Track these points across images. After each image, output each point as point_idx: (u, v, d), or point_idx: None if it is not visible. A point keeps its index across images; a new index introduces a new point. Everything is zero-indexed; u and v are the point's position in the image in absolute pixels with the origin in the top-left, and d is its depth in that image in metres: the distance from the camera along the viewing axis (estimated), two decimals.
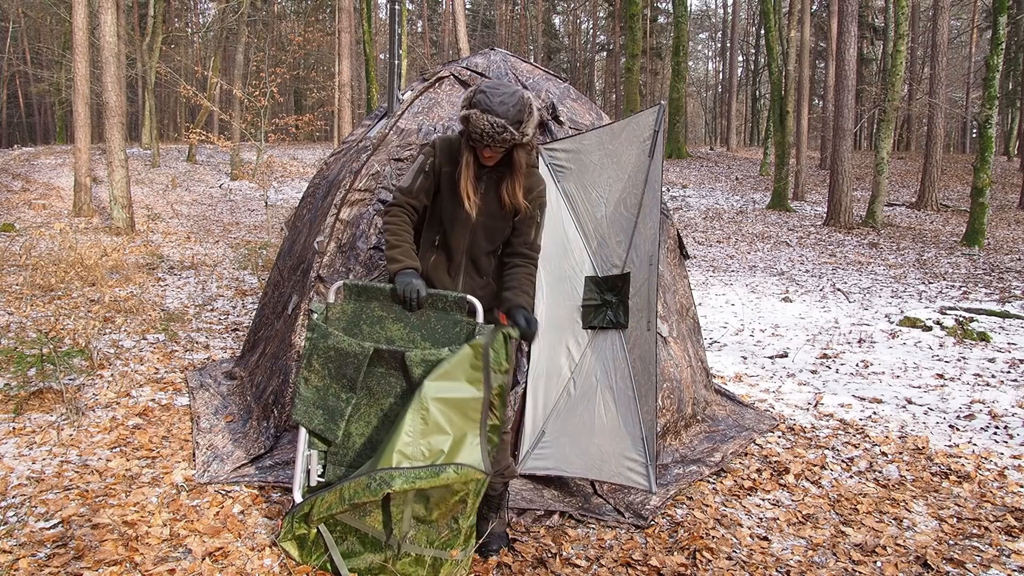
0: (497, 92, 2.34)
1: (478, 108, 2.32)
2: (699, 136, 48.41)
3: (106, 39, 10.86)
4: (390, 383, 2.41)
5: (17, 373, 3.97)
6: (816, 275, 9.89)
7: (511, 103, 2.32)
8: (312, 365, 2.45)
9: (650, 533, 2.77)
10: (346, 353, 2.40)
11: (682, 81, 24.26)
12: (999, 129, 28.62)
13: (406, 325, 2.46)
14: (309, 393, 2.46)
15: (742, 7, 35.34)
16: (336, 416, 2.42)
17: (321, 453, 2.48)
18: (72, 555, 2.41)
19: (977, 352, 5.73)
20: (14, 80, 29.93)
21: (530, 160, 2.55)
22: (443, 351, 2.32)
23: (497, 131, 2.30)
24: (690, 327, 4.01)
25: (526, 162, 2.48)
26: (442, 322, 2.44)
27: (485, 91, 2.35)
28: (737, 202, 17.70)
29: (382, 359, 2.39)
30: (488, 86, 2.39)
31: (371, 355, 2.37)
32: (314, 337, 2.44)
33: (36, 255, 8.32)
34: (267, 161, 17.05)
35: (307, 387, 2.46)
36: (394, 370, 2.39)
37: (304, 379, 2.46)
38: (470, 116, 2.32)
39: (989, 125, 11.96)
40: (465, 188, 2.45)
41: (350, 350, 2.39)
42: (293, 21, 31.24)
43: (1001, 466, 3.56)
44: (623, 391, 2.90)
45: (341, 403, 2.42)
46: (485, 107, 2.31)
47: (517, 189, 2.47)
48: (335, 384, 2.43)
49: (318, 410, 2.45)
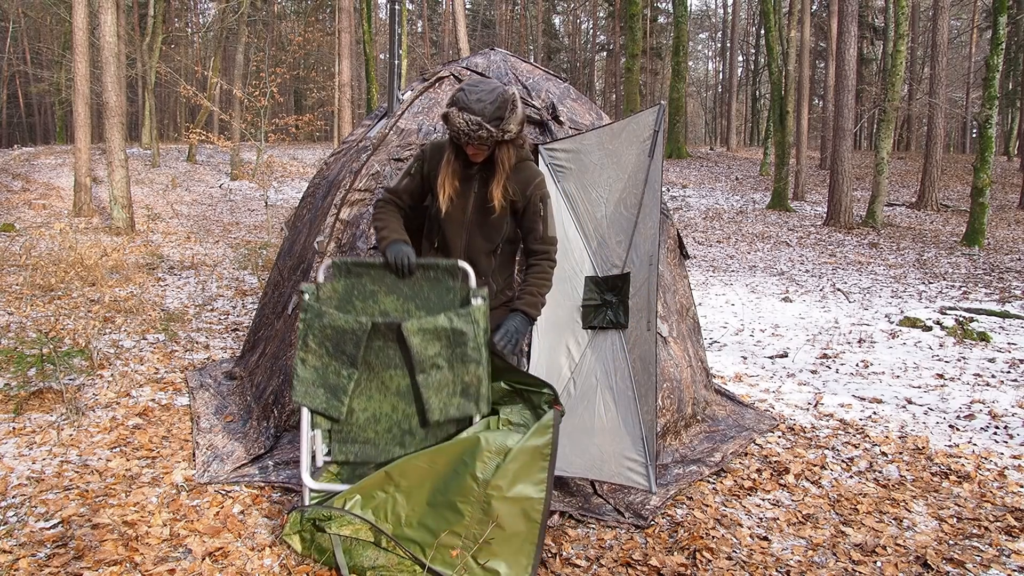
0: (476, 90, 2.35)
1: (456, 106, 2.34)
2: (699, 136, 48.40)
3: (106, 39, 10.86)
4: (388, 356, 2.41)
5: (17, 373, 3.97)
6: (816, 275, 9.89)
7: (488, 100, 2.32)
8: (308, 345, 2.43)
9: (650, 533, 2.77)
10: (344, 330, 2.39)
11: (682, 81, 24.26)
12: (999, 129, 28.63)
13: (399, 297, 2.45)
14: (308, 374, 2.44)
15: (742, 7, 35.34)
16: (339, 393, 2.42)
17: (325, 433, 2.48)
18: (72, 555, 2.41)
19: (977, 352, 5.73)
20: (14, 80, 29.92)
21: (521, 155, 2.54)
22: (439, 318, 2.32)
23: (473, 128, 2.31)
24: (690, 327, 4.01)
25: (509, 160, 2.46)
26: (435, 290, 2.43)
27: (465, 89, 2.37)
28: (737, 202, 17.70)
29: (379, 332, 2.39)
30: (469, 84, 2.40)
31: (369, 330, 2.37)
32: (308, 317, 2.43)
33: (36, 255, 8.32)
34: (267, 161, 17.04)
35: (305, 368, 2.44)
36: (391, 342, 2.39)
37: (301, 360, 2.44)
38: (449, 114, 2.35)
39: (989, 125, 11.96)
40: (442, 183, 2.47)
41: (348, 327, 2.38)
42: (293, 21, 31.26)
43: (1001, 466, 3.56)
44: (623, 391, 2.90)
45: (343, 380, 2.41)
46: (462, 105, 2.33)
47: (496, 187, 2.46)
48: (335, 362, 2.42)
49: (319, 389, 2.44)
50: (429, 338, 2.33)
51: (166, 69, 20.15)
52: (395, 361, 2.41)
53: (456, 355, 2.35)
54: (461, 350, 2.34)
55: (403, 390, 2.43)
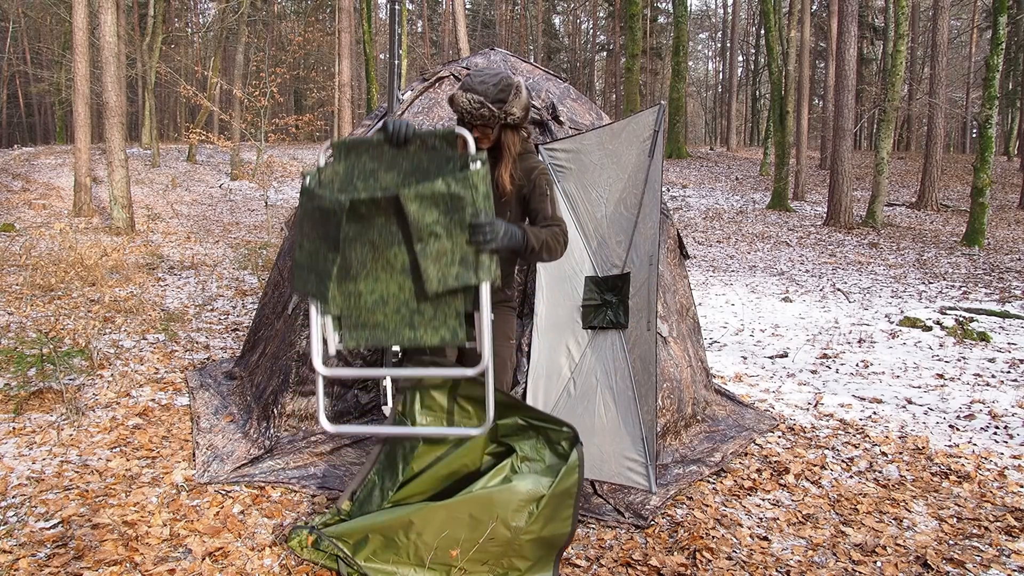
0: (481, 74, 2.46)
1: (462, 88, 2.45)
2: (699, 136, 48.41)
3: (106, 39, 10.86)
4: (391, 232, 2.30)
5: (17, 373, 3.97)
6: (816, 275, 9.89)
7: (492, 82, 2.42)
8: (304, 230, 2.36)
9: (650, 533, 2.77)
10: (326, 211, 2.29)
11: (682, 81, 24.26)
12: (999, 129, 28.63)
13: (399, 172, 2.37)
14: (303, 259, 2.37)
15: (742, 7, 35.34)
16: (324, 277, 2.32)
17: (335, 320, 2.37)
18: (72, 555, 2.41)
19: (977, 352, 5.73)
20: (14, 80, 29.92)
21: (525, 146, 2.60)
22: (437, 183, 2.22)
23: (475, 107, 2.39)
24: (690, 327, 4.01)
25: (514, 146, 2.51)
26: (435, 162, 2.35)
27: (472, 73, 2.50)
28: (737, 202, 17.71)
29: (380, 208, 2.28)
30: (476, 70, 2.51)
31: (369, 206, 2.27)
32: (304, 201, 2.36)
33: (36, 255, 8.32)
34: (267, 161, 17.05)
35: (301, 253, 2.37)
36: (393, 216, 2.29)
37: (299, 246, 2.37)
38: (455, 95, 2.44)
39: (989, 125, 11.96)
40: None
41: (329, 207, 2.28)
42: (293, 21, 31.26)
43: (1001, 466, 3.56)
44: (623, 391, 2.90)
45: (328, 263, 2.32)
46: (467, 86, 2.43)
47: (503, 171, 2.50)
48: (323, 245, 2.33)
49: (311, 274, 2.36)
50: (427, 205, 2.22)
51: (166, 69, 20.15)
52: (398, 237, 2.30)
53: (455, 222, 2.23)
54: (459, 216, 2.23)
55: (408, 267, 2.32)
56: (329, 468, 3.12)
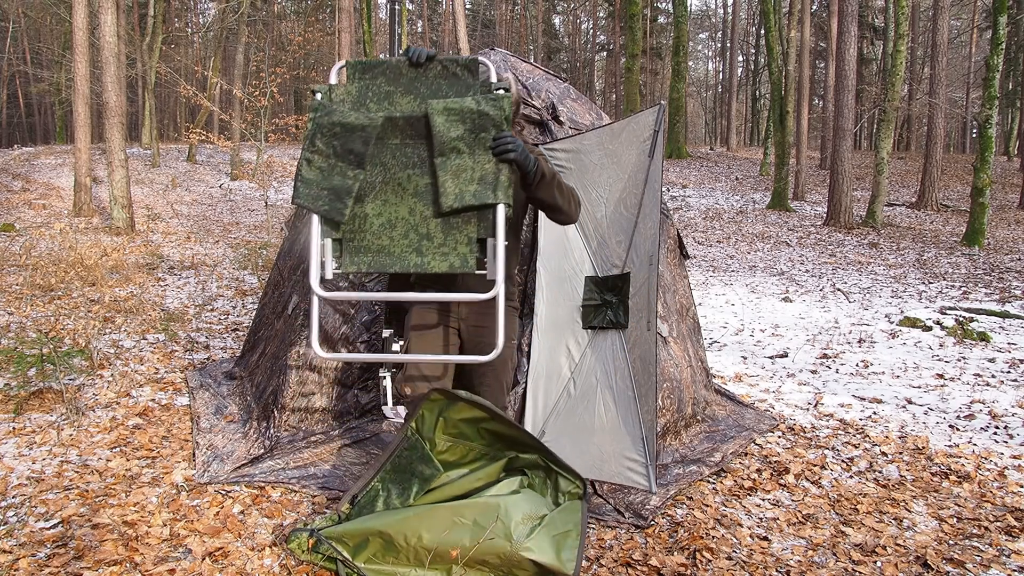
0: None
1: None
2: (699, 136, 48.41)
3: (106, 39, 10.87)
4: (406, 154, 2.26)
5: (17, 373, 3.97)
6: (816, 275, 9.89)
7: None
8: (315, 145, 2.27)
9: (650, 533, 2.77)
10: (352, 127, 2.23)
11: (682, 81, 24.27)
12: (999, 129, 28.63)
13: (416, 96, 2.31)
14: (313, 174, 2.27)
15: (742, 7, 35.34)
16: (343, 195, 2.24)
17: (336, 243, 2.30)
18: (72, 555, 2.41)
19: (977, 352, 5.73)
20: (14, 80, 29.92)
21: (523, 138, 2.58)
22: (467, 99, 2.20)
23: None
24: (690, 327, 4.01)
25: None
26: (454, 88, 2.31)
27: None
28: (737, 202, 17.71)
29: (396, 128, 2.24)
30: None
31: (384, 126, 2.23)
32: (316, 116, 2.27)
33: (36, 255, 8.32)
34: (267, 161, 17.03)
35: (310, 168, 2.27)
36: (409, 139, 2.26)
37: (307, 160, 2.27)
38: None
39: (989, 125, 11.96)
40: None
41: (357, 123, 2.22)
42: (293, 21, 31.24)
43: (1001, 466, 3.56)
44: (623, 391, 2.90)
45: (348, 180, 2.24)
46: None
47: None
48: (341, 162, 2.26)
49: (323, 191, 2.26)
50: (454, 119, 2.19)
51: (166, 69, 20.15)
52: (413, 160, 2.25)
53: (479, 140, 2.21)
54: (484, 135, 2.21)
55: (421, 190, 2.26)
56: (329, 468, 3.12)
